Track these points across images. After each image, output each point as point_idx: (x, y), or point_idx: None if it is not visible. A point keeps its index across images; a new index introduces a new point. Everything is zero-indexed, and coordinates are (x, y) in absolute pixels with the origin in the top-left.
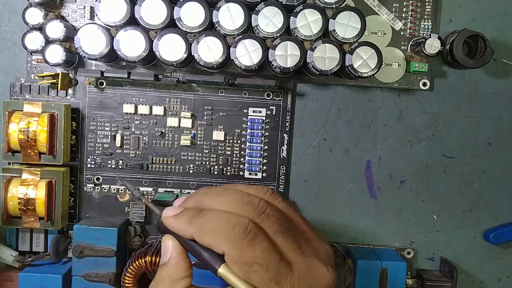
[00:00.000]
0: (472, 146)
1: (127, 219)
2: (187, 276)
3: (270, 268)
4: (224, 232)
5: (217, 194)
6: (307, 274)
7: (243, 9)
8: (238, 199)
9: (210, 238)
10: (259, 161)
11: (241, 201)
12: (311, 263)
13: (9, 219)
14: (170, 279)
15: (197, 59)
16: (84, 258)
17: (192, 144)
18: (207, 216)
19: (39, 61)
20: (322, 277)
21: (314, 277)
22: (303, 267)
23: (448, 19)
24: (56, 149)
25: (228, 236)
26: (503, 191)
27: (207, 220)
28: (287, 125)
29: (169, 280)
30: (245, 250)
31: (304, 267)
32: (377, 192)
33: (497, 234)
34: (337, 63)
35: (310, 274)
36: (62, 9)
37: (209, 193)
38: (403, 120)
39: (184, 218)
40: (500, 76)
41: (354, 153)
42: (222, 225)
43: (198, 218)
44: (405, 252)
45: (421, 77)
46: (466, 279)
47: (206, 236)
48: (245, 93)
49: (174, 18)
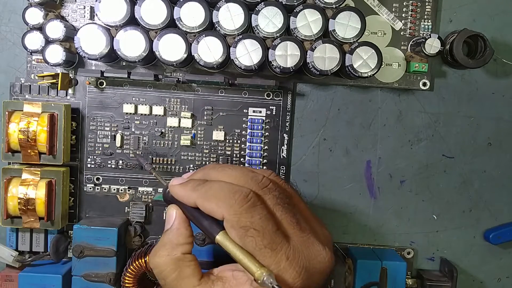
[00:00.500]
0: (472, 146)
1: (127, 219)
2: (188, 243)
3: (266, 235)
4: (225, 198)
5: (224, 168)
6: (303, 248)
7: (243, 9)
8: (243, 173)
9: (211, 203)
10: (259, 161)
11: (245, 174)
12: (308, 239)
13: (9, 219)
14: (171, 244)
15: (197, 59)
16: (84, 258)
17: (192, 144)
18: (211, 184)
19: (39, 61)
20: (318, 254)
21: (310, 253)
22: (300, 241)
23: (448, 19)
24: (56, 149)
25: (229, 201)
26: (503, 191)
27: (210, 188)
28: (287, 125)
29: (170, 245)
30: (243, 215)
31: (301, 242)
32: (377, 192)
33: (497, 234)
34: (337, 63)
35: (306, 249)
36: (62, 9)
37: (216, 167)
38: (403, 120)
39: (189, 186)
40: (500, 76)
41: (354, 153)
42: (224, 192)
43: (202, 186)
44: (405, 252)
45: (421, 77)
46: (466, 279)
47: (208, 202)
48: (245, 93)
49: (174, 18)
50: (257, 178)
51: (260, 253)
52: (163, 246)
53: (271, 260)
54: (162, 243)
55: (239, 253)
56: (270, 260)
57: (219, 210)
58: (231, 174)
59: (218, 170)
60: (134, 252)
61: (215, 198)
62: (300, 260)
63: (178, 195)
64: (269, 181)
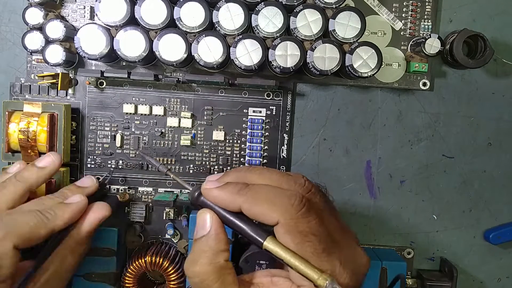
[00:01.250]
0: (472, 146)
1: (127, 219)
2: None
3: (322, 239)
4: (280, 202)
5: (262, 171)
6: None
7: (243, 9)
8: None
9: (262, 207)
10: (259, 161)
11: (288, 178)
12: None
13: None
14: (212, 250)
15: (197, 59)
16: (84, 258)
17: (192, 144)
18: (258, 188)
19: (39, 61)
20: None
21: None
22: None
23: (448, 19)
24: (56, 149)
25: (285, 206)
26: (503, 191)
27: (258, 191)
28: (287, 125)
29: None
30: (300, 221)
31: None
32: (377, 192)
33: (497, 234)
34: (337, 63)
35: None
36: (62, 9)
37: (252, 170)
38: (403, 120)
39: (231, 189)
40: (500, 76)
41: (354, 153)
42: (277, 196)
43: (248, 189)
44: (405, 252)
45: (421, 77)
46: (466, 279)
47: (258, 206)
48: (245, 93)
49: (174, 18)
50: (300, 182)
51: (318, 258)
52: (203, 253)
53: (328, 265)
54: (201, 250)
55: (293, 259)
56: (327, 265)
57: (272, 214)
58: (272, 177)
59: (256, 173)
60: (134, 252)
61: (267, 202)
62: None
63: (218, 199)
64: (311, 185)
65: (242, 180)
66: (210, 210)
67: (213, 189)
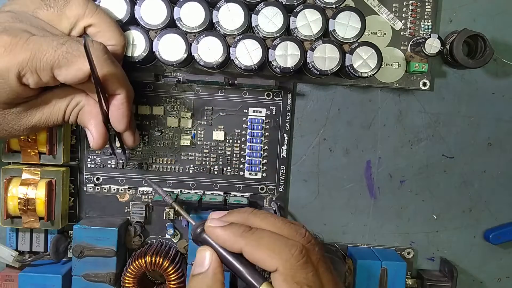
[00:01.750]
0: (472, 146)
1: (127, 219)
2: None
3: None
4: (281, 250)
5: (266, 216)
6: None
7: (243, 9)
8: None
9: (263, 253)
10: (259, 161)
11: (290, 227)
12: None
13: (9, 219)
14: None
15: (197, 59)
16: (84, 258)
17: (192, 144)
18: (261, 233)
19: None
20: None
21: None
22: None
23: (448, 19)
24: (56, 149)
25: (285, 255)
26: (503, 191)
27: (261, 237)
28: (287, 125)
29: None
30: (298, 271)
31: None
32: (377, 192)
33: (497, 234)
34: (337, 63)
35: None
36: None
37: (256, 214)
38: (403, 120)
39: (234, 230)
40: (500, 76)
41: (354, 153)
42: (279, 244)
43: (251, 233)
44: (405, 252)
45: (421, 77)
46: (466, 279)
47: (260, 251)
48: (245, 93)
49: (174, 18)
50: (301, 232)
51: None
52: None
53: None
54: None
55: None
56: None
57: (272, 261)
58: (275, 224)
59: (260, 217)
60: (134, 252)
61: (268, 248)
62: None
63: (220, 239)
64: (311, 236)
65: (245, 222)
66: (211, 248)
67: (217, 228)
